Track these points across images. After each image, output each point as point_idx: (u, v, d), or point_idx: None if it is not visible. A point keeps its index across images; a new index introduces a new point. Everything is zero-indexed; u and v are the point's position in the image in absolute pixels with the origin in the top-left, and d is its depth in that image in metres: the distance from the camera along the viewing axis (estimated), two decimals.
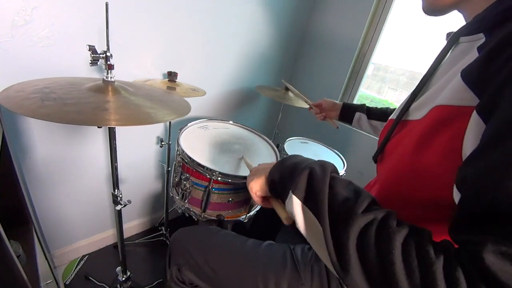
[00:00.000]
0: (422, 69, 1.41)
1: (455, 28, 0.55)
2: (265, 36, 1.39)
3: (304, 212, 0.40)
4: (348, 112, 0.98)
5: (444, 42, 0.54)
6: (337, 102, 1.02)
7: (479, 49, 0.38)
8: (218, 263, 0.66)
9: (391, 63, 1.49)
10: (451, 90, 0.39)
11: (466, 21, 0.47)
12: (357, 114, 0.95)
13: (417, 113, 0.47)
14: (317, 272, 0.60)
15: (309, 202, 0.39)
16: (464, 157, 0.35)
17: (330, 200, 0.37)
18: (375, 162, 0.60)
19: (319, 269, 0.61)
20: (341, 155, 1.35)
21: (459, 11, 0.46)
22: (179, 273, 0.70)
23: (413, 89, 0.53)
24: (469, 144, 0.34)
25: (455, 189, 0.34)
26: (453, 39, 0.48)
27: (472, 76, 0.35)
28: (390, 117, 0.60)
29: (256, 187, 0.52)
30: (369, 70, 1.45)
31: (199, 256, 0.67)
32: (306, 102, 1.09)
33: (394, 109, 0.88)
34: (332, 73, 1.52)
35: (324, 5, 1.49)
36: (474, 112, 0.34)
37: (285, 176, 0.45)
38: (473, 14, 0.42)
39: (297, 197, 0.40)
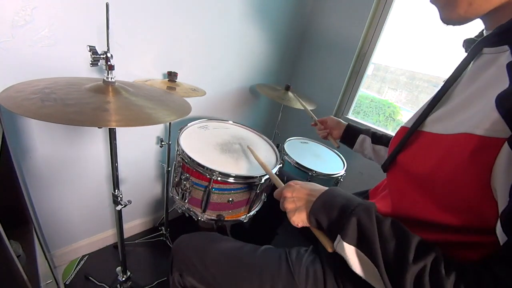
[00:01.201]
0: (422, 69, 1.42)
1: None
2: (265, 36, 1.39)
3: (358, 256, 0.44)
4: (352, 133, 0.95)
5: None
6: (342, 121, 1.00)
7: (509, 67, 0.37)
8: (217, 269, 0.67)
9: (391, 63, 1.49)
10: (483, 118, 0.37)
11: (486, 28, 0.46)
12: (361, 136, 0.92)
13: (437, 126, 0.46)
14: (312, 275, 0.61)
15: (362, 249, 0.43)
16: (494, 191, 0.36)
17: (382, 247, 0.41)
18: (385, 171, 0.59)
19: (315, 272, 0.61)
20: (341, 155, 1.35)
21: (480, 18, 0.45)
22: (181, 279, 0.72)
23: (430, 99, 0.51)
24: (499, 178, 0.34)
25: (500, 228, 0.35)
26: (476, 49, 0.46)
27: (508, 107, 0.34)
28: (404, 125, 0.58)
29: (298, 221, 0.54)
30: (369, 70, 1.45)
31: (199, 263, 0.68)
32: (311, 117, 1.08)
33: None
34: (332, 73, 1.52)
35: (324, 5, 1.49)
36: (506, 144, 0.33)
37: (333, 222, 0.47)
38: (496, 24, 0.41)
39: (348, 244, 0.44)
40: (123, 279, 0.94)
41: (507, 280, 0.33)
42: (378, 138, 0.89)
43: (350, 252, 0.44)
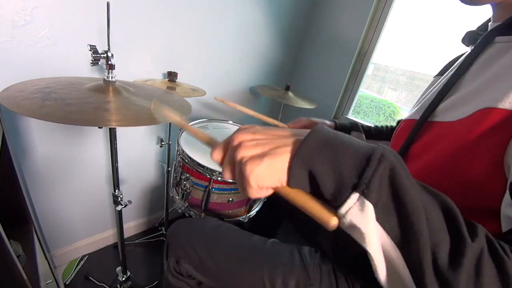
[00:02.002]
0: (422, 69, 1.42)
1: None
2: (265, 36, 1.39)
3: (385, 228, 0.25)
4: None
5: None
6: (318, 119, 0.85)
7: None
8: (222, 255, 0.64)
9: (391, 63, 1.49)
10: (506, 93, 0.35)
11: (495, 19, 0.46)
12: (354, 134, 0.82)
13: (450, 114, 0.44)
14: (325, 273, 0.59)
15: (398, 216, 0.25)
16: (506, 166, 0.34)
17: (427, 216, 0.25)
18: None
19: (328, 270, 0.60)
20: None
21: (492, 4, 0.44)
22: (177, 265, 0.69)
23: (438, 88, 0.49)
24: None
25: (509, 200, 0.32)
26: (487, 38, 0.44)
27: None
28: (409, 117, 0.55)
29: (263, 175, 0.27)
30: (369, 70, 1.45)
31: (201, 249, 0.66)
32: (276, 124, 0.83)
33: (387, 127, 0.85)
34: (332, 73, 1.52)
35: (324, 5, 1.49)
36: None
37: (345, 167, 0.26)
38: (508, 14, 0.41)
39: (372, 202, 0.24)
40: (123, 279, 0.94)
41: None
42: (372, 133, 0.84)
43: (370, 218, 0.25)
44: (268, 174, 0.27)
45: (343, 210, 0.25)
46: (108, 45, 0.58)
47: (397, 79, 1.52)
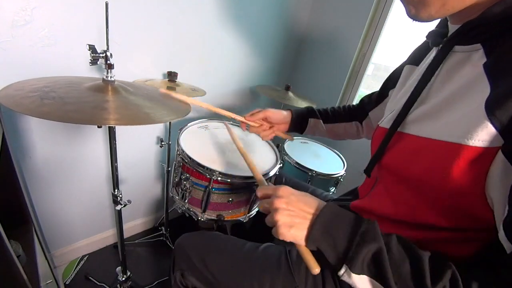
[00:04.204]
0: None
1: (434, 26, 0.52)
2: (265, 36, 1.39)
3: (372, 284, 0.40)
4: (300, 121, 0.84)
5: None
6: (282, 111, 0.86)
7: (486, 68, 0.37)
8: (216, 267, 0.67)
9: (391, 63, 1.48)
10: (471, 126, 0.36)
11: (451, 22, 0.46)
12: (312, 121, 0.84)
13: (420, 128, 0.45)
14: (311, 275, 0.59)
15: (373, 276, 0.40)
16: (489, 198, 0.36)
17: (395, 273, 0.38)
18: (368, 174, 0.59)
19: None
20: (341, 155, 1.35)
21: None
22: (182, 278, 0.71)
23: (407, 96, 0.50)
24: (494, 187, 0.35)
25: (504, 237, 0.35)
26: (447, 47, 0.45)
27: (499, 115, 0.33)
28: (381, 125, 0.57)
29: (291, 238, 0.45)
30: (369, 70, 1.45)
31: (199, 261, 0.68)
32: (233, 118, 0.80)
33: (344, 107, 0.87)
34: (332, 73, 1.52)
35: (324, 5, 1.49)
36: (500, 153, 0.33)
37: (339, 253, 0.41)
38: (463, 18, 0.41)
39: (357, 274, 0.40)
40: (123, 279, 0.94)
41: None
42: (329, 117, 0.85)
43: (359, 282, 0.41)
44: (290, 238, 0.45)
45: (339, 274, 0.41)
46: (107, 44, 0.58)
47: None
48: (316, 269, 0.43)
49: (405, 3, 0.44)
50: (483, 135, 0.34)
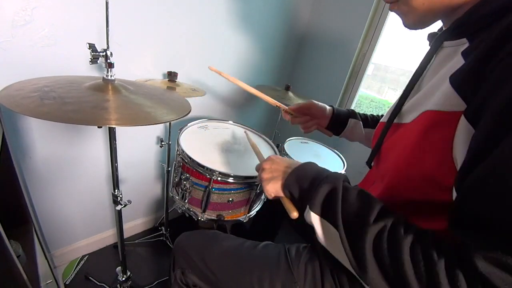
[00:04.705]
0: None
1: (437, 29, 0.55)
2: (265, 36, 1.39)
3: (322, 224, 0.44)
4: (341, 120, 0.81)
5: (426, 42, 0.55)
6: (323, 104, 0.82)
7: (464, 54, 0.39)
8: (216, 265, 0.67)
9: (391, 63, 1.49)
10: (440, 96, 0.40)
11: (444, 26, 0.48)
12: (352, 121, 0.81)
13: (408, 116, 0.48)
14: (310, 271, 0.61)
15: (326, 216, 0.43)
16: (455, 161, 0.37)
17: (344, 212, 0.41)
18: (370, 167, 0.61)
19: (313, 268, 0.62)
20: (341, 155, 1.35)
21: (440, 19, 0.47)
22: (182, 276, 0.72)
23: (402, 92, 0.53)
24: (459, 149, 0.36)
25: (453, 191, 0.36)
26: (437, 43, 0.48)
27: (460, 82, 0.37)
28: (381, 120, 0.60)
29: (272, 190, 0.55)
30: (369, 70, 1.45)
31: (199, 259, 0.69)
32: (278, 106, 0.82)
33: (378, 115, 0.87)
34: (332, 73, 1.52)
35: (324, 5, 1.49)
36: (462, 117, 0.35)
37: (303, 192, 0.49)
38: (453, 18, 0.43)
39: (315, 213, 0.45)
40: (123, 279, 0.94)
41: (464, 238, 0.33)
42: (368, 122, 0.83)
43: (315, 221, 0.45)
44: (271, 190, 0.55)
45: (304, 214, 0.48)
46: (107, 43, 0.58)
47: (397, 79, 1.52)
48: (294, 213, 0.50)
49: (398, 14, 0.48)
50: (446, 100, 0.38)
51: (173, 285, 0.75)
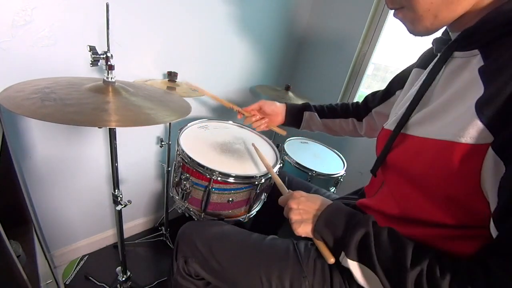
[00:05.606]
0: None
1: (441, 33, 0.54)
2: (265, 36, 1.39)
3: (361, 269, 0.47)
4: (296, 114, 0.86)
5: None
6: (276, 103, 0.88)
7: (481, 72, 0.38)
8: (223, 255, 0.67)
9: (391, 63, 1.49)
10: (464, 125, 0.38)
11: (451, 30, 0.48)
12: (307, 114, 0.86)
13: (421, 129, 0.47)
14: (319, 267, 0.61)
15: (364, 261, 0.46)
16: (484, 192, 0.38)
17: (380, 259, 0.44)
18: (375, 175, 0.61)
19: (322, 264, 0.61)
20: (341, 155, 1.35)
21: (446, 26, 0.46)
22: (185, 265, 0.71)
23: (410, 99, 0.52)
24: (488, 180, 0.36)
25: (492, 225, 0.37)
26: (446, 53, 0.47)
27: (490, 115, 0.35)
28: (386, 127, 0.59)
29: (302, 233, 0.57)
30: (369, 70, 1.45)
31: (205, 248, 0.68)
32: (230, 107, 0.88)
33: (343, 104, 0.89)
34: (332, 73, 1.52)
35: (324, 5, 1.49)
36: (490, 149, 0.35)
37: (337, 240, 0.51)
38: (461, 26, 0.42)
39: (351, 259, 0.47)
40: (123, 279, 0.94)
41: (498, 271, 0.34)
42: (325, 112, 0.87)
43: (354, 267, 0.47)
44: (302, 232, 0.57)
45: (340, 259, 0.50)
46: (108, 45, 0.58)
47: None
48: (331, 259, 0.51)
49: (402, 21, 0.47)
50: (473, 132, 0.36)
51: (176, 275, 0.74)
